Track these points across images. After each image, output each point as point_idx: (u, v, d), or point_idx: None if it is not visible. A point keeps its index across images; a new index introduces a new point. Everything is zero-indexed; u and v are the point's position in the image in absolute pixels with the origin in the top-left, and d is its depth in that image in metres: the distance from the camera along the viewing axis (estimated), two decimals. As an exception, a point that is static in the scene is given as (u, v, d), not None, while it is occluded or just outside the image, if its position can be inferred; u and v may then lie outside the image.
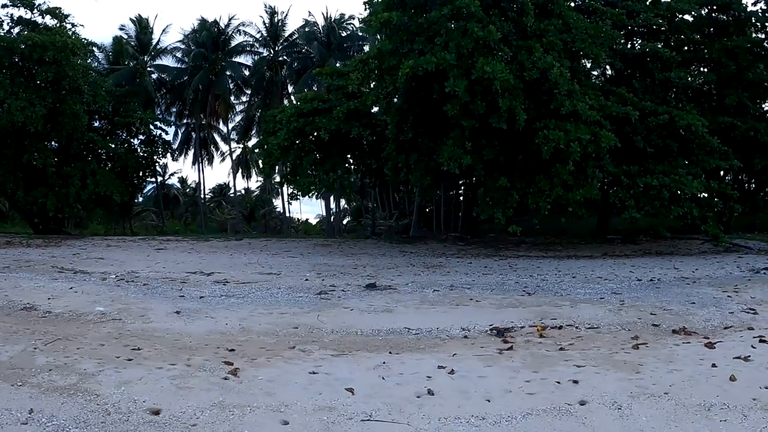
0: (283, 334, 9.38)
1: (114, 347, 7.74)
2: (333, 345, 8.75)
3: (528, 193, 19.92)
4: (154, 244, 23.65)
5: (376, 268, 17.58)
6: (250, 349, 8.28)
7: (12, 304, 10.57)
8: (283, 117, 22.58)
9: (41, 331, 8.40)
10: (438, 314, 11.12)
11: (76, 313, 10.01)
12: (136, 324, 9.36)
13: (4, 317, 9.48)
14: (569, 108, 19.03)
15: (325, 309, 11.31)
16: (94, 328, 8.97)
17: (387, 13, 18.29)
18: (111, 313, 10.03)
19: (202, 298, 12.11)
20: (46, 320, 9.43)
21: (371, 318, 10.73)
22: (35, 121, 23.87)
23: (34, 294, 11.69)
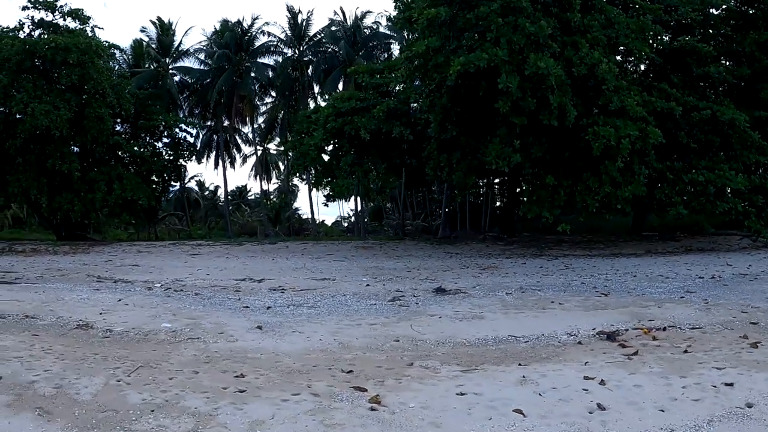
0: (388, 349, 8.59)
1: (212, 375, 6.66)
2: (451, 359, 7.96)
3: (575, 191, 19.34)
4: (187, 249, 22.81)
5: (430, 271, 16.90)
6: (367, 369, 7.41)
7: (62, 321, 9.62)
8: (319, 117, 21.81)
9: (113, 356, 7.38)
10: (530, 319, 10.48)
11: (142, 331, 9.05)
12: (220, 343, 8.35)
13: (60, 338, 8.48)
14: (617, 104, 18.45)
15: (411, 317, 10.57)
16: (173, 350, 7.94)
17: (434, 9, 17.57)
18: (182, 331, 9.03)
19: (269, 309, 11.27)
20: (111, 341, 8.44)
21: (466, 326, 10.02)
22: (60, 125, 22.95)
23: (82, 308, 10.76)
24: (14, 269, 19.88)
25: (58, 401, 5.58)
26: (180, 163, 28.50)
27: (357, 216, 33.03)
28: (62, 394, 5.74)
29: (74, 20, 25.52)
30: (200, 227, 36.30)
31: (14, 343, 7.66)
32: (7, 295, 12.01)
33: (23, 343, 7.71)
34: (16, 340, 7.85)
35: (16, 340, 7.85)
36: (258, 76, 32.16)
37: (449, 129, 19.67)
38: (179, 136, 28.70)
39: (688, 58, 22.06)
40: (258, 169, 38.70)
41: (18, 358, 6.83)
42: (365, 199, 30.68)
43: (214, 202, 42.21)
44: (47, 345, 7.70)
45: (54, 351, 7.36)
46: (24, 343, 7.67)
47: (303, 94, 33.96)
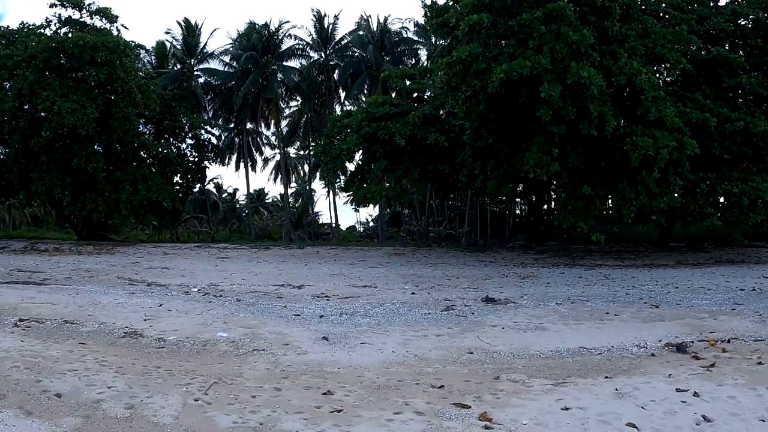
0: (466, 362, 8.42)
1: (297, 392, 6.38)
2: (534, 372, 7.83)
3: (610, 201, 19.27)
4: (214, 252, 22.59)
5: (470, 279, 16.76)
6: (455, 383, 7.20)
7: (106, 328, 9.23)
8: (352, 121, 21.67)
9: (178, 369, 6.99)
10: (593, 330, 10.40)
11: (198, 341, 8.65)
12: (290, 356, 8.04)
13: (111, 348, 8.04)
14: (655, 114, 18.38)
15: (474, 328, 10.41)
16: (241, 363, 7.57)
17: (476, 15, 17.47)
18: (242, 341, 8.69)
19: (322, 318, 11.06)
20: (168, 352, 8.03)
21: (533, 337, 9.91)
22: (86, 123, 22.73)
23: (123, 313, 10.46)
24: (40, 269, 19.71)
25: (135, 425, 5.15)
26: (204, 164, 28.29)
27: (380, 222, 32.82)
28: (138, 417, 5.33)
29: (101, 19, 25.32)
30: (221, 230, 36.07)
31: (62, 353, 7.37)
32: (40, 298, 11.80)
33: (72, 353, 7.40)
34: (64, 350, 7.55)
35: (64, 350, 7.55)
36: (285, 79, 31.98)
37: (485, 136, 19.55)
38: (203, 138, 28.57)
39: (720, 68, 22.01)
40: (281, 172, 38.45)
41: (73, 372, 6.50)
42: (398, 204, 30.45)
43: (232, 204, 41.99)
44: (99, 356, 7.39)
45: (110, 363, 7.04)
46: (73, 353, 7.38)
47: (329, 98, 33.78)
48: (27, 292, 12.77)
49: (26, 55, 23.24)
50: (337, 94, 34.14)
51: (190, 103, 28.91)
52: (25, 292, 12.76)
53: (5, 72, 23.42)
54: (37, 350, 7.38)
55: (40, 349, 7.48)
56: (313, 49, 32.95)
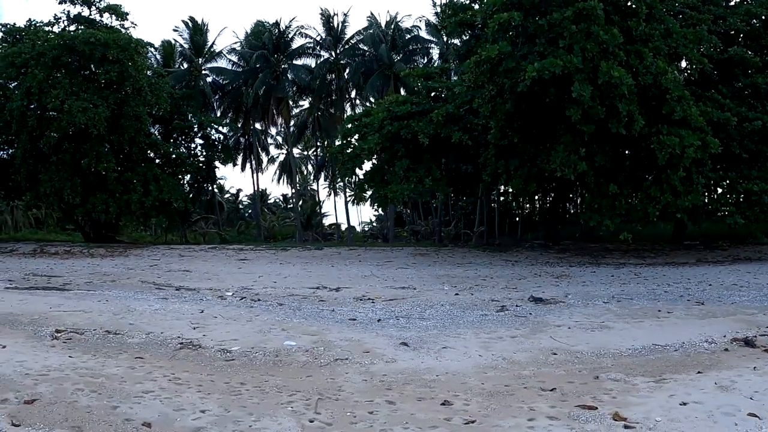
0: (556, 362, 8.32)
1: (413, 404, 6.11)
2: (628, 370, 7.84)
3: (635, 200, 19.43)
4: (232, 254, 22.28)
5: (504, 279, 16.73)
6: (563, 385, 7.04)
7: (157, 339, 8.75)
8: (373, 120, 21.52)
9: (268, 385, 6.56)
10: (656, 328, 10.55)
11: (266, 351, 8.18)
12: (379, 364, 7.73)
13: (174, 362, 7.53)
14: (680, 114, 18.56)
15: (542, 329, 10.34)
16: (331, 374, 7.21)
17: (507, 14, 17.47)
18: (316, 350, 8.31)
19: (380, 321, 10.87)
20: (242, 365, 7.52)
21: (604, 336, 9.94)
22: (98, 123, 22.24)
23: (165, 321, 10.01)
24: (56, 273, 19.22)
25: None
26: (214, 164, 27.89)
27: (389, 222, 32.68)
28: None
29: (111, 16, 24.84)
30: (230, 231, 35.62)
31: (123, 370, 6.89)
32: (69, 305, 11.23)
33: (134, 369, 6.95)
34: (123, 366, 7.07)
35: (123, 366, 7.07)
36: (295, 78, 31.66)
37: (509, 135, 19.56)
38: (213, 138, 28.15)
39: (736, 68, 22.31)
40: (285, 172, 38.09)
41: (150, 393, 5.99)
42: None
43: (235, 205, 41.49)
44: (166, 371, 6.91)
45: (185, 381, 6.57)
46: (136, 370, 6.92)
47: (340, 98, 33.55)
48: (52, 298, 12.36)
49: (35, 53, 22.68)
50: (347, 93, 33.94)
51: (198, 102, 28.46)
52: (49, 298, 12.35)
53: (13, 70, 22.84)
54: (93, 367, 6.93)
55: (94, 365, 7.04)
56: (323, 47, 32.69)
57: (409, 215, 37.50)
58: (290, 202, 42.19)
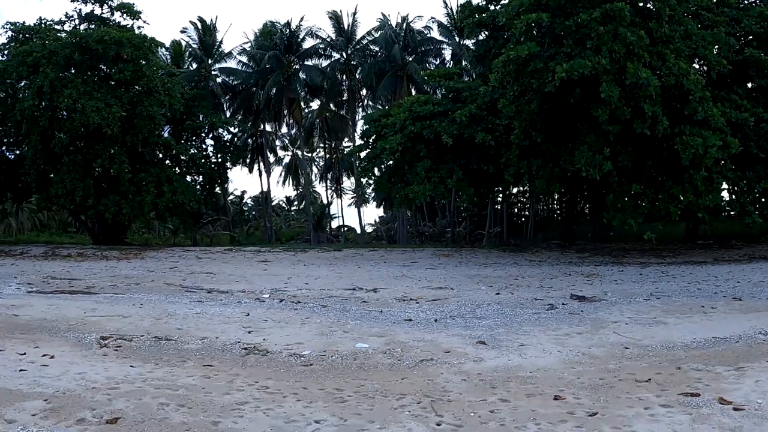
0: (632, 356, 8.56)
1: (527, 400, 6.20)
2: (704, 360, 8.21)
3: (657, 200, 19.86)
4: (250, 255, 22.31)
5: (537, 279, 17.04)
6: (652, 376, 7.22)
7: (215, 344, 8.54)
8: (395, 120, 21.72)
9: (367, 390, 6.49)
10: (707, 322, 11.10)
11: (341, 354, 8.10)
12: (469, 364, 7.77)
13: (249, 369, 7.35)
14: (702, 114, 19.04)
15: (601, 325, 10.70)
16: (426, 375, 7.15)
17: (535, 14, 17.81)
18: (393, 352, 8.27)
19: (437, 321, 10.98)
20: (326, 370, 7.40)
21: (662, 330, 10.37)
22: (112, 123, 22.12)
23: (214, 325, 9.81)
24: (75, 276, 19.12)
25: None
26: (226, 165, 27.84)
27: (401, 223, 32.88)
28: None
29: (123, 15, 24.72)
30: (240, 232, 35.53)
31: (200, 379, 6.67)
32: (103, 310, 11.08)
33: (210, 378, 6.75)
34: (197, 375, 6.85)
35: (197, 375, 6.85)
36: (307, 78, 31.74)
37: (533, 135, 19.90)
38: (225, 138, 28.10)
39: (750, 69, 22.90)
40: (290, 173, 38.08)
41: (248, 405, 5.74)
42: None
43: (240, 207, 41.39)
44: (249, 380, 6.73)
45: (277, 389, 6.39)
46: (212, 379, 6.71)
47: (351, 98, 33.68)
48: (83, 302, 12.27)
49: (46, 52, 22.50)
50: (359, 94, 34.10)
51: (209, 103, 28.41)
52: (80, 303, 12.25)
53: (24, 69, 22.63)
54: (164, 378, 6.68)
55: (163, 375, 6.79)
56: (334, 48, 32.81)
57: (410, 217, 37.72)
58: (294, 204, 42.18)
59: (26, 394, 5.91)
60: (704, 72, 21.32)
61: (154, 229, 34.52)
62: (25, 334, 8.77)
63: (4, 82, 23.31)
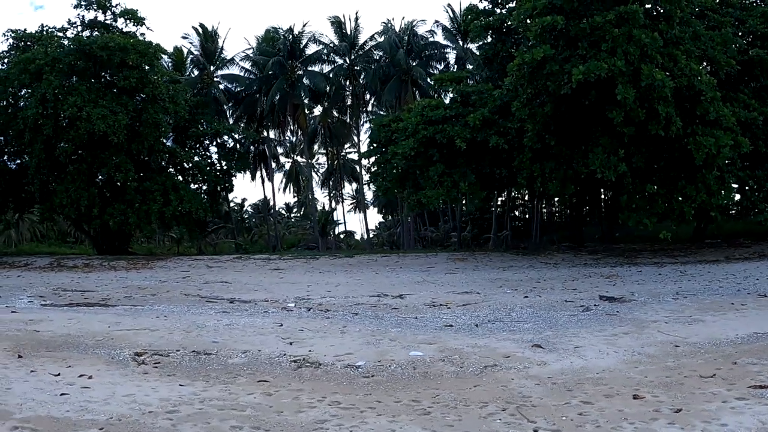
0: (686, 353, 8.89)
1: (609, 401, 6.41)
2: (755, 354, 8.57)
3: (671, 200, 20.24)
4: (261, 263, 22.28)
5: (559, 281, 17.27)
6: (713, 371, 7.61)
7: (260, 357, 8.36)
8: (407, 125, 21.91)
9: (442, 399, 6.52)
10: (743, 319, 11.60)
11: (398, 363, 8.02)
12: (534, 368, 7.88)
13: (302, 382, 7.18)
14: (714, 114, 19.47)
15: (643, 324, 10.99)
16: (495, 381, 7.28)
17: (550, 17, 18.12)
18: (453, 359, 8.29)
19: (477, 326, 11.09)
20: (390, 381, 7.32)
21: (702, 327, 10.79)
22: (118, 130, 22.04)
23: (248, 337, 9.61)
24: (86, 287, 18.87)
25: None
26: (232, 173, 27.81)
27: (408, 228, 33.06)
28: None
29: (127, 21, 24.66)
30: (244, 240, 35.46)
31: (261, 397, 6.56)
32: (127, 323, 10.80)
33: (272, 396, 6.62)
34: (257, 393, 6.71)
35: (257, 393, 6.71)
36: (311, 84, 31.85)
37: (546, 138, 20.19)
38: (230, 145, 28.06)
39: (756, 69, 23.42)
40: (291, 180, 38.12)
41: (326, 423, 5.67)
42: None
43: (240, 215, 41.30)
44: (316, 394, 6.64)
45: (348, 403, 6.36)
46: (274, 396, 6.59)
47: (356, 104, 33.84)
48: (103, 316, 11.99)
49: (49, 59, 22.38)
50: (363, 99, 34.26)
51: (212, 110, 28.38)
52: (101, 316, 11.98)
53: (26, 77, 22.47)
54: (223, 397, 6.51)
55: (220, 394, 6.62)
56: (338, 53, 32.98)
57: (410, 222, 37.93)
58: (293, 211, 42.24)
59: (77, 422, 5.52)
60: (711, 72, 21.78)
61: (154, 239, 34.35)
62: (52, 352, 8.43)
63: (5, 91, 23.11)
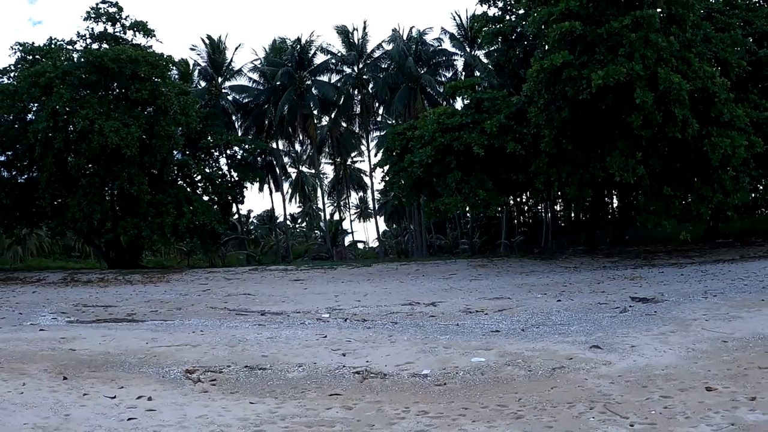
0: (738, 348, 9.17)
1: (699, 394, 6.75)
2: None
3: (688, 201, 20.91)
4: (279, 275, 22.56)
5: (585, 284, 17.77)
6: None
7: (316, 370, 8.42)
8: (423, 132, 22.40)
9: (534, 402, 6.72)
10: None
11: (468, 370, 8.27)
12: (602, 368, 8.18)
13: (374, 394, 7.28)
14: (728, 116, 20.17)
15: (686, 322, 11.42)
16: (567, 382, 7.61)
17: (568, 23, 18.73)
18: (516, 363, 8.60)
19: (524, 330, 11.44)
20: (467, 388, 7.53)
21: (743, 324, 11.16)
22: (131, 143, 22.29)
23: (296, 349, 9.68)
24: (104, 302, 18.80)
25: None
26: (243, 184, 28.11)
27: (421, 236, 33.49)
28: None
29: (136, 33, 24.98)
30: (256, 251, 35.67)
31: (341, 411, 6.58)
32: (165, 339, 10.80)
33: (351, 410, 6.66)
34: (336, 407, 6.75)
35: (336, 407, 6.75)
36: (320, 94, 32.29)
37: (563, 143, 20.76)
38: (241, 156, 28.37)
39: (765, 69, 24.19)
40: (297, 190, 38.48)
41: (430, 431, 5.77)
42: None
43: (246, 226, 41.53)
44: (397, 405, 6.73)
45: (437, 412, 6.48)
46: (354, 410, 6.63)
47: (365, 113, 34.31)
48: (136, 332, 11.94)
49: (59, 72, 22.63)
50: (373, 108, 34.75)
51: (221, 121, 28.71)
52: (134, 332, 11.94)
53: (36, 90, 22.68)
54: (302, 413, 6.53)
55: (298, 411, 6.63)
56: (346, 63, 33.48)
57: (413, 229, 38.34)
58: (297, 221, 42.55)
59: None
60: (721, 74, 22.50)
61: (159, 251, 34.49)
62: (96, 372, 8.32)
63: (14, 105, 23.29)
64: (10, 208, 24.01)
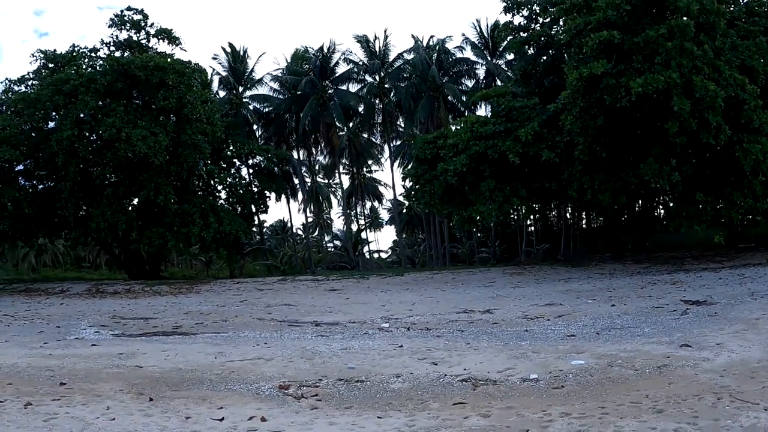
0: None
1: None
2: None
3: (719, 206, 21.95)
4: (312, 285, 23.11)
5: (628, 290, 18.67)
6: None
7: (419, 380, 8.67)
8: (456, 141, 23.20)
9: (663, 398, 7.30)
10: None
11: (574, 372, 8.76)
12: (702, 364, 8.86)
13: (498, 400, 7.59)
14: (758, 122, 21.27)
15: (750, 322, 12.32)
16: (676, 378, 8.22)
17: (607, 32, 19.71)
18: (618, 363, 9.19)
19: (599, 334, 12.12)
20: (584, 390, 7.97)
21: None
22: (159, 152, 22.75)
23: (380, 360, 9.95)
24: (141, 314, 18.83)
25: None
26: (267, 195, 28.65)
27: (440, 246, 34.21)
28: None
29: (161, 41, 25.47)
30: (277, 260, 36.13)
31: (483, 421, 6.81)
32: (229, 353, 10.91)
33: (488, 418, 6.93)
34: (473, 415, 7.03)
35: (473, 415, 7.03)
36: (343, 103, 32.98)
37: (598, 151, 21.71)
38: (265, 166, 28.89)
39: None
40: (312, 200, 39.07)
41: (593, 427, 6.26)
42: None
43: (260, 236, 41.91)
44: (532, 410, 7.11)
45: (580, 413, 6.90)
46: (492, 417, 6.94)
47: (388, 122, 35.05)
48: (196, 346, 12.09)
49: (84, 79, 23.05)
50: (395, 117, 35.53)
51: (243, 131, 29.26)
52: (194, 346, 12.11)
53: (60, 98, 23.05)
54: (439, 425, 6.74)
55: (431, 423, 6.84)
56: (368, 72, 34.25)
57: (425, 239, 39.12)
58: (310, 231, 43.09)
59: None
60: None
61: (172, 261, 34.83)
62: (180, 391, 8.34)
63: (37, 112, 23.62)
64: (31, 218, 24.24)
